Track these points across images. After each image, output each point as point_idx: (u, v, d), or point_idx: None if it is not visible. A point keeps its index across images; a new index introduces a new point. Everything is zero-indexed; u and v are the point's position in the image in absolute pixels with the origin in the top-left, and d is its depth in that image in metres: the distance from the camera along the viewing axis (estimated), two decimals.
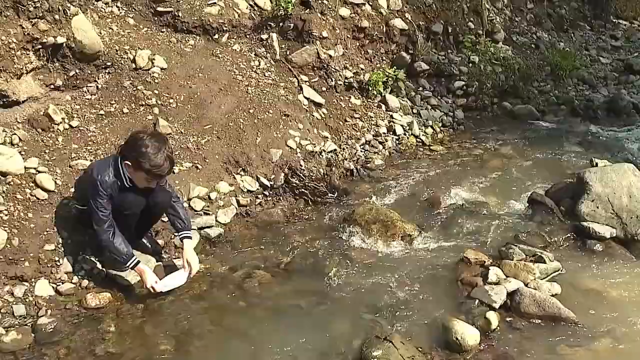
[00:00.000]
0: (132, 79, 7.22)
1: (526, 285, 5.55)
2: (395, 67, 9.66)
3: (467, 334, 4.85)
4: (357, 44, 9.49)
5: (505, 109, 10.48)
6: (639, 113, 10.79)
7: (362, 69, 9.33)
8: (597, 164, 7.65)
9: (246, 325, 5.17)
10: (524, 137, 9.53)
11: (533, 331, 5.12)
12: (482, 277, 5.68)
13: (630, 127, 10.22)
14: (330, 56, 8.91)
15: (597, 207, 6.62)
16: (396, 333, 4.94)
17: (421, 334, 5.03)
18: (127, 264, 5.23)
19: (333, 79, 8.85)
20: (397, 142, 8.91)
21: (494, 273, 5.67)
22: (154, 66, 7.43)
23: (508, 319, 5.26)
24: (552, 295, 5.47)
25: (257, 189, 7.01)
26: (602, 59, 12.70)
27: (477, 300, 5.39)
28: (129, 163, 5.05)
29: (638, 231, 6.50)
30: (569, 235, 6.57)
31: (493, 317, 5.14)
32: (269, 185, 7.04)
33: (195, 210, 6.39)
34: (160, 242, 6.05)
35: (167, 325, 5.13)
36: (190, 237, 5.58)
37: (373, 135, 8.75)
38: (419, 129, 9.28)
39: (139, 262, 5.27)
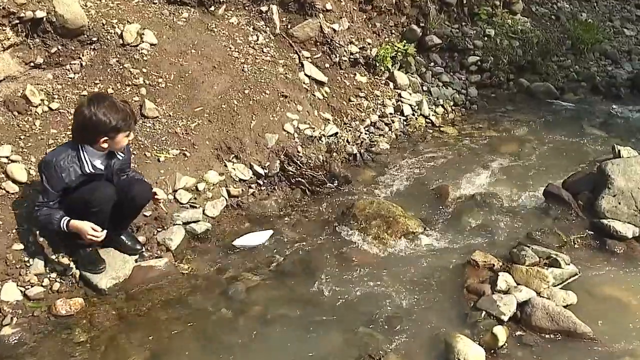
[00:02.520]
0: (118, 56, 6.71)
1: (539, 294, 5.06)
2: (405, 41, 9.09)
3: (470, 354, 4.36)
4: (364, 16, 8.89)
5: (521, 86, 9.86)
6: None
7: (369, 44, 8.74)
8: (619, 151, 7.04)
9: (229, 337, 4.71)
10: (541, 118, 8.93)
11: (545, 348, 4.64)
12: (490, 284, 5.19)
13: None
14: (335, 30, 8.32)
15: (619, 203, 6.07)
16: (392, 352, 4.48)
17: (420, 352, 4.57)
18: (61, 225, 4.68)
19: (337, 55, 8.28)
20: (405, 123, 8.35)
21: (504, 279, 5.17)
22: (143, 42, 6.90)
23: (517, 333, 4.78)
24: (567, 306, 4.99)
25: (250, 177, 6.51)
26: (627, 31, 11.97)
27: (483, 312, 4.90)
28: (106, 139, 4.66)
29: None
30: (587, 233, 6.05)
31: (500, 333, 4.66)
32: (263, 174, 6.55)
33: (181, 203, 5.91)
34: (142, 238, 5.55)
35: (143, 336, 4.69)
36: None
37: (379, 116, 8.20)
38: (429, 108, 8.71)
39: (70, 220, 4.71)
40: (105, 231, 4.80)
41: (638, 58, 11.15)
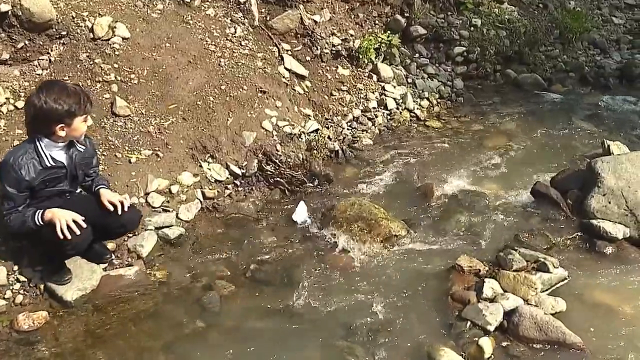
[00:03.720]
0: (89, 50, 6.41)
1: (526, 301, 4.83)
2: (388, 32, 8.80)
3: None
4: (346, 7, 8.61)
5: (508, 78, 9.61)
6: None
7: (351, 35, 8.46)
8: (608, 147, 6.84)
9: (201, 352, 4.46)
10: (528, 111, 8.69)
11: None
12: (475, 292, 4.96)
13: None
14: (316, 21, 8.05)
15: (609, 203, 5.85)
16: None
17: None
18: (36, 219, 4.34)
19: (318, 47, 8.00)
20: (389, 117, 8.10)
21: (490, 286, 4.94)
22: (115, 35, 6.59)
23: (504, 344, 4.57)
24: (556, 313, 4.77)
25: (227, 178, 6.25)
26: (615, 19, 11.73)
27: (469, 322, 4.68)
28: (62, 126, 4.32)
29: None
30: (576, 234, 5.84)
31: (486, 344, 4.45)
32: (241, 174, 6.29)
33: (153, 207, 5.65)
34: (111, 245, 5.29)
35: (111, 352, 4.42)
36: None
37: (362, 111, 7.94)
38: (414, 101, 8.45)
39: (44, 211, 4.37)
40: (89, 228, 4.46)
41: (627, 47, 10.92)
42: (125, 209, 4.61)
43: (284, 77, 7.43)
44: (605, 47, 10.80)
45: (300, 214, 6.08)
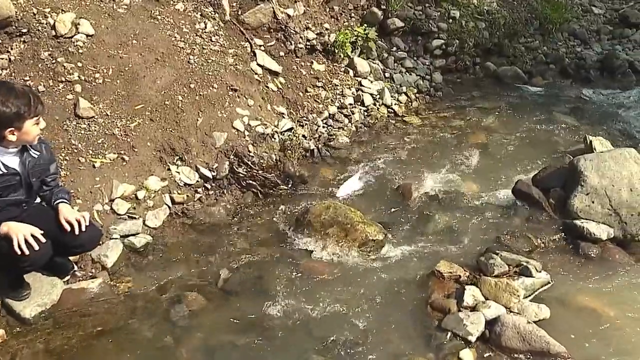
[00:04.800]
0: (51, 49, 6.12)
1: (509, 309, 4.64)
2: (365, 25, 8.58)
3: None
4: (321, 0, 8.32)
5: (488, 70, 9.44)
6: (636, 73, 9.76)
7: (326, 29, 8.22)
8: (590, 142, 6.68)
9: None
10: (508, 105, 8.51)
11: None
12: (456, 299, 4.76)
13: (626, 90, 9.22)
14: (289, 15, 7.79)
15: (593, 202, 5.67)
16: None
17: None
18: None
19: (292, 42, 7.75)
20: (366, 114, 7.87)
21: (471, 294, 4.75)
22: (79, 33, 6.30)
23: (486, 355, 4.37)
24: (540, 320, 4.58)
25: (197, 181, 5.99)
26: (595, 9, 11.58)
27: (449, 333, 4.47)
28: (12, 130, 4.01)
29: (639, 231, 5.56)
30: (559, 235, 5.65)
31: (468, 357, 4.28)
32: (211, 177, 6.04)
33: (118, 214, 5.38)
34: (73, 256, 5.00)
35: None
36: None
37: (338, 108, 7.71)
38: (391, 97, 8.22)
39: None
40: (48, 242, 4.19)
41: (607, 38, 10.78)
42: (83, 228, 4.32)
43: (256, 73, 7.17)
44: (585, 38, 10.65)
45: (346, 189, 6.31)
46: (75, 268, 4.96)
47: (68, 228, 4.31)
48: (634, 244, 5.61)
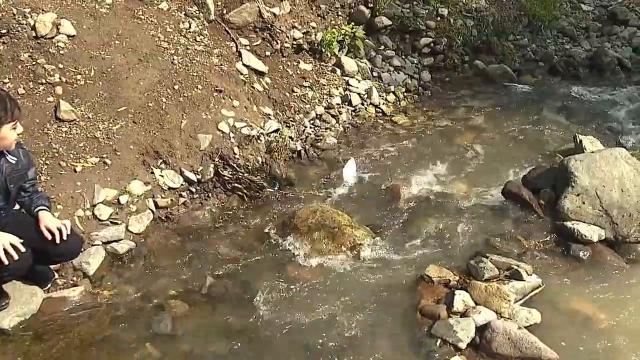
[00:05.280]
0: (31, 50, 5.99)
1: (499, 314, 4.54)
2: (352, 24, 8.47)
3: None
4: None
5: (477, 69, 9.34)
6: (625, 70, 9.69)
7: (313, 28, 8.11)
8: (581, 142, 6.61)
9: None
10: (497, 104, 8.41)
11: None
12: (446, 305, 4.65)
13: (615, 87, 9.16)
14: (275, 14, 7.68)
15: (583, 203, 5.59)
16: None
17: None
18: None
19: (279, 42, 7.64)
20: (354, 114, 7.77)
21: (461, 299, 4.65)
22: (60, 33, 6.17)
23: None
24: (531, 325, 4.50)
25: (181, 184, 5.88)
26: (584, 6, 11.50)
27: (439, 340, 4.37)
28: None
29: (631, 232, 5.52)
30: (549, 237, 5.57)
31: None
32: (196, 180, 5.92)
33: (101, 220, 5.25)
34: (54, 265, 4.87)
35: None
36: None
37: (325, 108, 7.60)
38: (379, 96, 8.13)
39: None
40: (28, 251, 4.07)
41: (596, 35, 10.70)
42: (64, 236, 4.19)
43: (241, 74, 7.05)
44: (574, 35, 10.58)
45: (349, 173, 6.43)
46: (56, 276, 4.82)
47: (49, 237, 4.18)
48: (625, 245, 5.53)
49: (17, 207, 4.42)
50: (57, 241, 4.18)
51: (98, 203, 5.32)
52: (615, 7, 11.25)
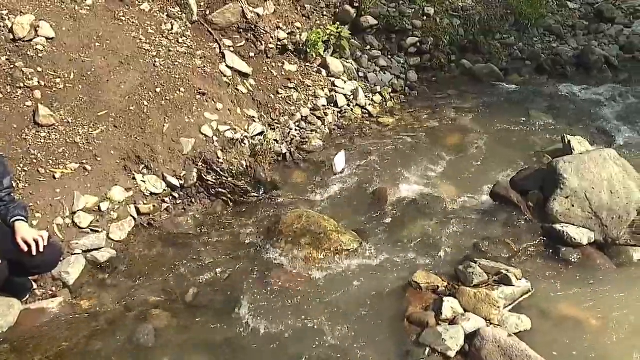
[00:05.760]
0: (9, 53, 5.86)
1: (489, 321, 4.46)
2: (338, 24, 8.36)
3: None
4: None
5: (464, 68, 9.25)
6: (612, 68, 9.63)
7: (298, 28, 7.99)
8: (569, 142, 6.53)
9: None
10: (484, 104, 8.33)
11: None
12: (434, 312, 4.56)
13: (602, 85, 9.06)
14: (259, 15, 7.56)
15: (573, 205, 5.52)
16: None
17: None
18: None
19: (263, 42, 7.52)
20: (340, 115, 7.66)
21: (450, 306, 4.57)
22: (38, 36, 6.04)
23: None
24: (521, 332, 4.42)
25: (164, 190, 5.75)
26: (570, 4, 11.43)
27: (427, 348, 4.27)
28: None
29: (621, 234, 5.46)
30: (538, 240, 5.49)
31: None
32: (179, 185, 5.80)
33: (81, 228, 5.12)
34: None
35: None
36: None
37: (310, 110, 7.48)
38: (366, 97, 8.02)
39: None
40: (4, 263, 4.02)
41: (583, 33, 10.63)
42: (42, 248, 4.07)
43: (225, 76, 6.93)
44: (561, 33, 10.51)
45: (340, 162, 6.52)
46: (35, 287, 4.69)
47: (25, 248, 4.06)
48: (615, 248, 5.47)
49: None
50: (34, 253, 4.05)
51: (78, 210, 5.19)
52: (602, 5, 11.20)
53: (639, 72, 9.62)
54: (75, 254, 4.99)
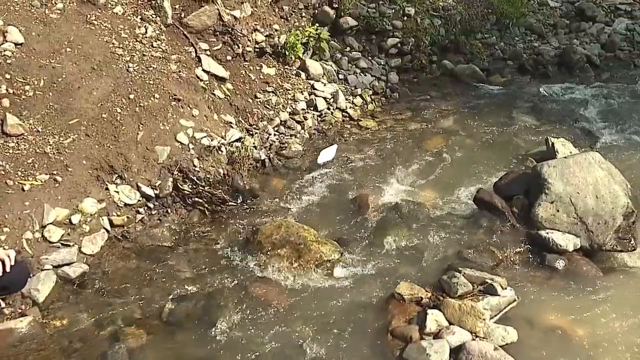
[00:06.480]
0: None
1: (474, 334, 4.34)
2: (317, 25, 8.20)
3: None
4: None
5: (445, 69, 9.11)
6: (593, 67, 9.55)
7: (276, 30, 7.82)
8: (553, 144, 6.45)
9: None
10: (467, 106, 8.20)
11: None
12: (418, 325, 4.44)
13: (584, 85, 8.99)
14: (236, 17, 7.38)
15: (558, 211, 5.42)
16: None
17: None
18: None
19: (240, 45, 7.34)
20: (320, 119, 7.50)
21: (434, 319, 4.45)
22: (7, 41, 5.86)
23: None
24: (507, 344, 4.29)
25: (138, 200, 5.58)
26: (551, 2, 11.32)
27: None
28: None
29: (607, 240, 5.36)
30: (523, 247, 5.40)
31: None
32: (154, 195, 5.64)
33: (51, 242, 4.95)
34: None
35: None
36: None
37: (290, 114, 7.32)
38: (346, 99, 7.87)
39: None
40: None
41: (564, 32, 10.54)
42: (8, 268, 3.88)
43: (201, 80, 6.75)
44: (542, 32, 10.41)
45: (326, 155, 6.64)
46: (3, 305, 4.50)
47: None
48: (601, 254, 5.39)
49: None
50: (0, 273, 3.87)
51: (48, 224, 5.01)
52: (583, 3, 11.10)
53: (620, 70, 9.55)
54: (45, 269, 4.81)
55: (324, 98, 7.66)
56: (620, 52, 10.02)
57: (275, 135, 6.99)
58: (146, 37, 6.76)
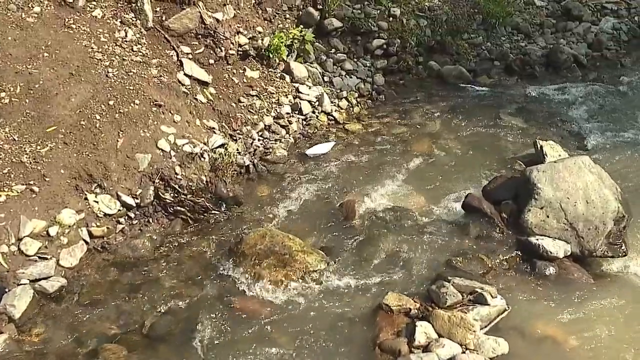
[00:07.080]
0: None
1: (464, 346, 4.24)
2: (301, 27, 8.07)
3: None
4: (252, 1, 7.79)
5: (432, 70, 9.00)
6: (581, 67, 9.46)
7: (259, 33, 7.68)
8: (541, 147, 6.37)
9: None
10: (454, 108, 8.09)
11: None
12: (407, 338, 4.33)
13: (572, 85, 8.89)
14: (218, 20, 7.24)
15: (548, 217, 5.33)
16: None
17: None
18: None
19: (223, 48, 7.19)
20: (305, 123, 7.38)
21: (423, 331, 4.36)
22: None
23: None
24: (499, 357, 4.24)
25: (118, 210, 5.45)
26: (537, 2, 11.20)
27: None
28: None
29: (597, 245, 5.29)
30: (513, 254, 5.32)
31: None
32: (135, 205, 5.52)
33: (28, 256, 4.81)
34: None
35: None
36: None
37: (274, 118, 7.19)
38: (331, 103, 7.75)
39: None
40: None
41: (551, 31, 10.43)
42: None
43: (183, 85, 6.61)
44: (529, 31, 10.30)
45: (319, 149, 6.76)
46: None
47: None
48: (591, 260, 5.31)
49: None
50: None
51: (24, 236, 4.90)
52: (569, 3, 11.00)
53: (607, 70, 9.47)
54: (21, 284, 4.69)
55: (309, 101, 7.53)
56: (607, 52, 9.93)
57: (259, 140, 6.85)
58: (126, 41, 6.61)
